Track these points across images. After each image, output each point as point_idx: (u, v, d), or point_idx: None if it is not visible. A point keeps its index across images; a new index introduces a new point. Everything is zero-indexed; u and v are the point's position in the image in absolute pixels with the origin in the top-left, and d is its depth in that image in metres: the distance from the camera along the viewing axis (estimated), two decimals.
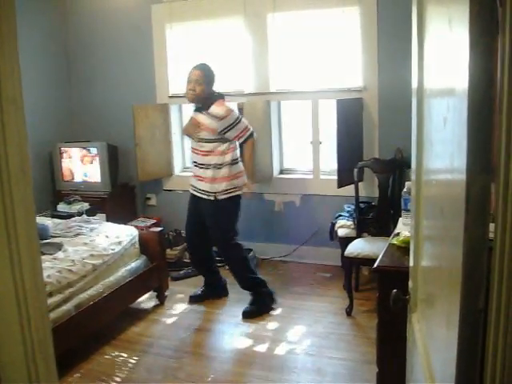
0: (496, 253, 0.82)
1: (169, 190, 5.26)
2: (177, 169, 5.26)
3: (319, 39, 4.50)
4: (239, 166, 3.84)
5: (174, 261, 4.76)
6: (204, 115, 3.72)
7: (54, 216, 4.48)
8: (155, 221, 5.01)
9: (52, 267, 3.21)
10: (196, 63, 3.79)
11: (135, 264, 3.83)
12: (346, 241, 3.93)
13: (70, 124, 5.49)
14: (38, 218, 3.96)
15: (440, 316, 1.16)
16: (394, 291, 1.56)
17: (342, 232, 4.11)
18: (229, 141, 3.75)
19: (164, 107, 5.07)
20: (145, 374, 3.15)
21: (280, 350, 3.37)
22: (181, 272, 4.63)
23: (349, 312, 3.76)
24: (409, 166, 3.02)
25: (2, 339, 1.11)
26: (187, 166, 5.19)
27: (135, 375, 3.14)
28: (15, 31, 1.05)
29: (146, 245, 3.97)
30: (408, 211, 2.77)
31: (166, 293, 4.12)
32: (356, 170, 4.06)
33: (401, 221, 2.93)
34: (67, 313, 3.11)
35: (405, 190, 3.06)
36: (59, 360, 1.29)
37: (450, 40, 1.02)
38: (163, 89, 5.10)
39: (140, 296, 3.97)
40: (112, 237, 3.78)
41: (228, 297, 4.13)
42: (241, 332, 3.64)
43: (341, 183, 4.18)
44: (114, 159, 5.13)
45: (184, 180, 4.75)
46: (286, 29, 4.61)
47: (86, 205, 4.83)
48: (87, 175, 5.13)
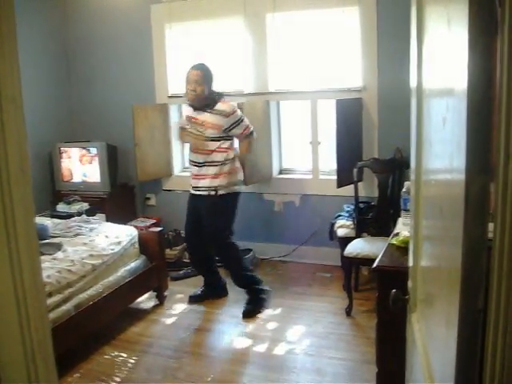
0: (495, 252, 0.82)
1: (168, 190, 5.26)
2: (176, 169, 5.27)
3: (319, 39, 4.50)
4: (238, 162, 3.91)
5: (174, 261, 4.76)
6: (209, 113, 3.73)
7: (54, 216, 4.47)
8: (155, 221, 5.01)
9: (51, 267, 3.21)
10: (194, 63, 3.79)
11: (135, 264, 3.83)
12: (346, 241, 3.93)
13: (70, 124, 5.49)
14: (38, 218, 3.95)
15: (439, 316, 1.16)
16: (394, 291, 1.56)
17: (342, 232, 4.11)
18: (231, 138, 3.80)
19: (163, 107, 5.07)
20: (144, 374, 3.15)
21: (279, 350, 3.37)
22: (180, 272, 4.63)
23: (348, 312, 3.76)
24: (408, 166, 3.02)
25: (2, 339, 1.11)
26: (186, 166, 5.18)
27: (135, 375, 3.14)
28: (15, 31, 1.05)
29: (146, 245, 3.97)
30: (407, 211, 2.77)
31: (166, 293, 4.12)
32: (355, 170, 4.06)
33: (400, 221, 2.94)
34: (67, 313, 3.11)
35: (404, 190, 3.06)
36: (59, 360, 1.29)
37: (449, 40, 1.02)
38: (163, 89, 5.10)
39: (139, 296, 3.97)
40: (111, 237, 3.78)
41: (227, 297, 4.13)
42: (240, 332, 3.64)
43: (340, 183, 4.18)
44: (114, 159, 5.13)
45: (183, 180, 4.75)
46: (286, 29, 4.61)
47: (86, 205, 4.83)
48: (86, 175, 5.13)
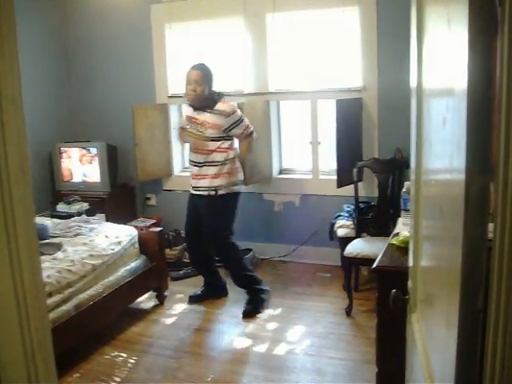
0: (495, 253, 0.82)
1: (168, 190, 5.26)
2: (176, 169, 5.27)
3: (319, 39, 4.50)
4: (238, 162, 3.91)
5: (174, 261, 4.76)
6: (209, 113, 3.73)
7: (54, 216, 4.47)
8: (155, 221, 5.01)
9: (51, 267, 3.21)
10: (193, 63, 3.79)
11: (135, 264, 3.83)
12: (346, 241, 3.92)
13: (70, 124, 5.48)
14: (38, 218, 3.95)
15: (439, 316, 1.16)
16: (394, 291, 1.56)
17: (342, 232, 4.10)
18: (231, 138, 3.80)
19: (163, 107, 5.07)
20: (144, 374, 3.15)
21: (279, 350, 3.37)
22: (180, 272, 4.63)
23: (348, 312, 3.76)
24: (408, 166, 3.02)
25: (2, 339, 1.11)
26: (187, 166, 5.17)
27: (135, 375, 3.14)
28: (15, 31, 1.05)
29: (146, 245, 3.97)
30: (407, 211, 2.77)
31: (166, 293, 4.12)
32: (355, 170, 4.06)
33: (400, 221, 2.93)
34: (67, 313, 3.11)
35: (404, 190, 3.06)
36: (59, 360, 1.29)
37: (449, 40, 1.02)
38: (163, 89, 5.10)
39: (140, 296, 3.97)
40: (111, 237, 3.78)
41: (228, 297, 4.13)
42: (240, 332, 3.64)
43: (340, 183, 4.18)
44: (114, 159, 5.13)
45: (183, 180, 4.75)
46: (286, 29, 4.61)
47: (86, 205, 4.83)
48: (86, 175, 5.13)
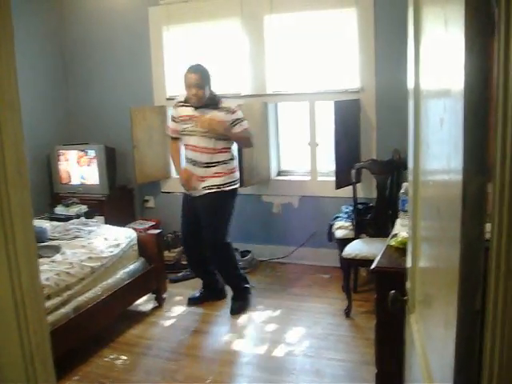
0: (492, 253, 0.82)
1: (167, 192, 5.26)
2: (174, 171, 5.25)
3: (316, 41, 4.51)
4: (236, 161, 3.97)
5: (173, 263, 4.76)
6: (216, 110, 3.72)
7: (52, 219, 4.47)
8: (153, 223, 5.01)
9: (50, 270, 3.20)
10: (190, 65, 3.75)
11: (133, 266, 3.83)
12: (344, 242, 3.92)
13: (67, 126, 5.48)
14: (36, 221, 3.95)
15: (438, 317, 1.16)
16: (392, 292, 1.56)
17: (340, 233, 4.10)
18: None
19: (161, 109, 5.07)
20: (143, 377, 3.15)
21: (278, 352, 3.36)
22: (179, 274, 4.62)
23: (347, 313, 3.76)
24: (406, 167, 3.03)
25: (0, 342, 1.11)
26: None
27: (134, 378, 3.14)
28: (12, 33, 1.05)
29: (145, 247, 3.97)
30: (406, 212, 2.77)
31: (165, 295, 4.11)
32: (354, 172, 4.06)
33: (398, 222, 2.94)
34: (65, 315, 3.10)
35: (402, 191, 3.07)
36: (57, 363, 1.28)
37: (446, 41, 1.02)
38: (160, 91, 5.10)
39: (138, 298, 3.96)
40: (110, 239, 3.77)
41: (226, 299, 4.13)
42: (239, 334, 3.64)
43: (339, 184, 4.18)
44: (112, 161, 5.13)
45: None
46: (283, 30, 4.61)
47: (84, 207, 4.83)
48: (85, 178, 5.13)
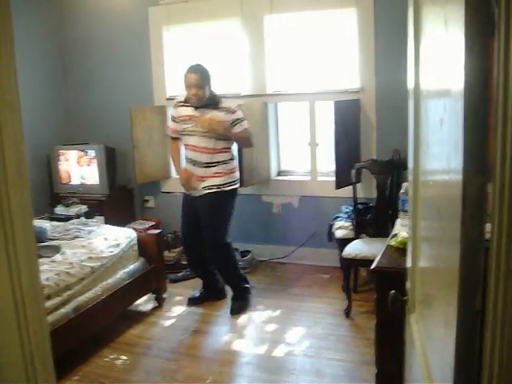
0: (492, 253, 0.82)
1: (167, 192, 5.25)
2: (174, 171, 5.25)
3: (316, 41, 4.51)
4: (236, 161, 3.98)
5: (173, 263, 4.76)
6: (216, 110, 3.72)
7: (52, 219, 4.47)
8: (153, 223, 5.01)
9: (50, 270, 3.20)
10: (190, 65, 3.74)
11: (133, 266, 3.83)
12: (344, 242, 3.92)
13: (67, 126, 5.48)
14: (36, 221, 3.95)
15: (438, 317, 1.16)
16: (392, 292, 1.56)
17: (340, 233, 4.10)
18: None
19: (161, 109, 5.07)
20: (143, 377, 3.15)
21: (279, 352, 3.36)
22: (179, 274, 4.62)
23: (347, 313, 3.76)
24: (406, 167, 3.03)
25: (0, 342, 1.11)
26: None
27: (134, 377, 3.14)
28: (11, 34, 1.05)
29: (145, 247, 3.97)
30: (406, 212, 2.77)
31: (165, 295, 4.11)
32: (354, 172, 4.06)
33: (398, 222, 2.93)
34: (65, 315, 3.10)
35: (402, 191, 3.07)
36: (57, 363, 1.28)
37: (446, 41, 1.02)
38: (160, 91, 5.10)
39: (138, 298, 3.96)
40: (110, 239, 3.77)
41: (226, 299, 4.13)
42: (239, 334, 3.64)
43: (339, 184, 4.18)
44: (112, 161, 5.13)
45: None
46: (283, 30, 4.61)
47: (84, 207, 4.83)
48: (85, 178, 5.13)
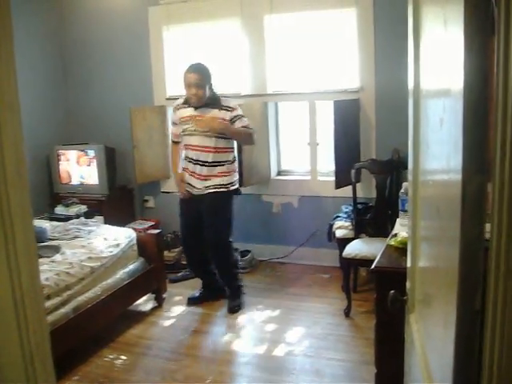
0: (492, 253, 0.82)
1: (167, 192, 5.25)
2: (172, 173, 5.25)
3: (316, 40, 4.51)
4: (237, 162, 4.02)
5: (172, 263, 4.76)
6: (217, 109, 3.72)
7: (52, 219, 4.47)
8: (153, 223, 5.01)
9: (50, 270, 3.20)
10: (190, 64, 3.74)
11: (133, 266, 3.82)
12: (344, 242, 3.92)
13: (67, 126, 5.48)
14: (36, 221, 3.95)
15: (437, 316, 1.16)
16: (392, 292, 1.56)
17: (340, 233, 4.10)
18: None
19: (161, 109, 5.07)
20: (143, 376, 3.15)
21: (278, 352, 3.36)
22: (179, 274, 4.62)
23: (347, 313, 3.76)
24: (406, 167, 3.03)
25: (0, 342, 1.11)
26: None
27: (133, 377, 3.14)
28: (11, 34, 1.05)
29: (144, 247, 3.96)
30: (405, 212, 2.77)
31: (164, 295, 4.11)
32: (353, 171, 4.06)
33: (398, 221, 2.93)
34: (65, 315, 3.10)
35: (402, 191, 3.06)
36: (57, 363, 1.28)
37: (446, 40, 1.02)
38: (160, 91, 5.10)
39: (138, 298, 3.96)
40: (110, 239, 3.77)
41: (225, 299, 4.12)
42: (239, 334, 3.64)
43: (338, 184, 4.19)
44: (112, 161, 5.12)
45: None
46: (283, 30, 4.61)
47: (84, 207, 4.83)
48: (85, 178, 5.12)
